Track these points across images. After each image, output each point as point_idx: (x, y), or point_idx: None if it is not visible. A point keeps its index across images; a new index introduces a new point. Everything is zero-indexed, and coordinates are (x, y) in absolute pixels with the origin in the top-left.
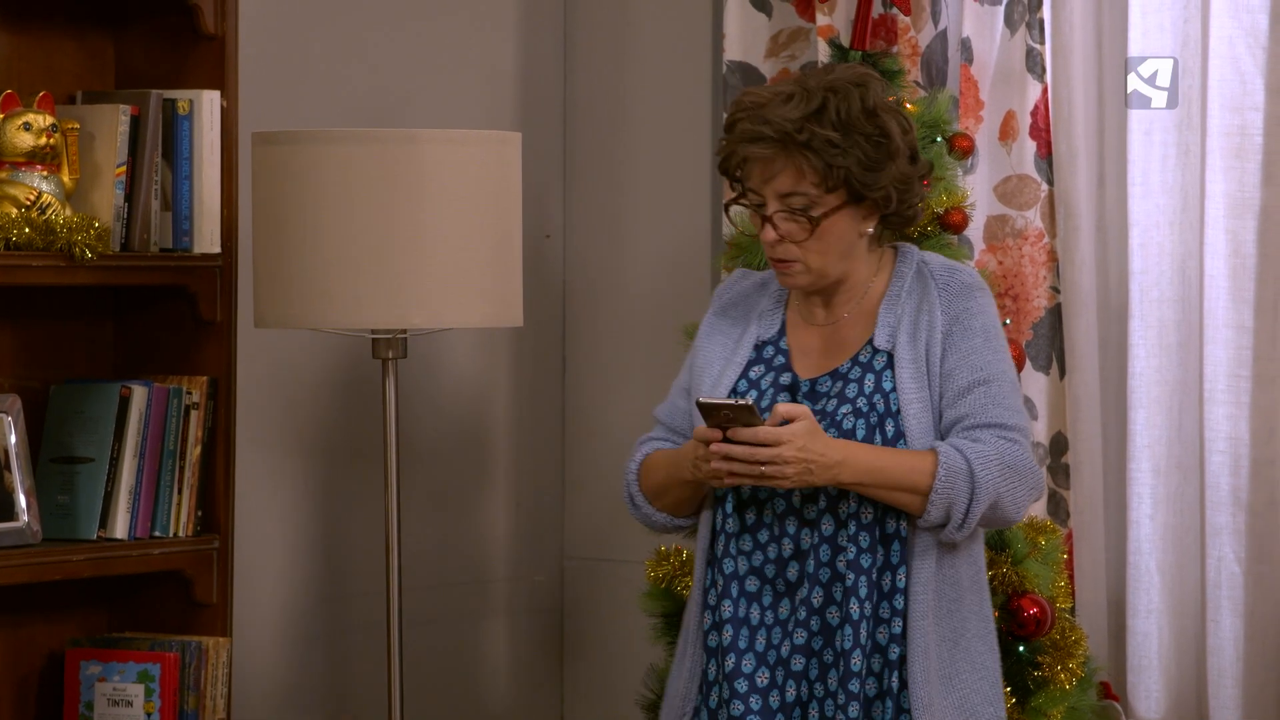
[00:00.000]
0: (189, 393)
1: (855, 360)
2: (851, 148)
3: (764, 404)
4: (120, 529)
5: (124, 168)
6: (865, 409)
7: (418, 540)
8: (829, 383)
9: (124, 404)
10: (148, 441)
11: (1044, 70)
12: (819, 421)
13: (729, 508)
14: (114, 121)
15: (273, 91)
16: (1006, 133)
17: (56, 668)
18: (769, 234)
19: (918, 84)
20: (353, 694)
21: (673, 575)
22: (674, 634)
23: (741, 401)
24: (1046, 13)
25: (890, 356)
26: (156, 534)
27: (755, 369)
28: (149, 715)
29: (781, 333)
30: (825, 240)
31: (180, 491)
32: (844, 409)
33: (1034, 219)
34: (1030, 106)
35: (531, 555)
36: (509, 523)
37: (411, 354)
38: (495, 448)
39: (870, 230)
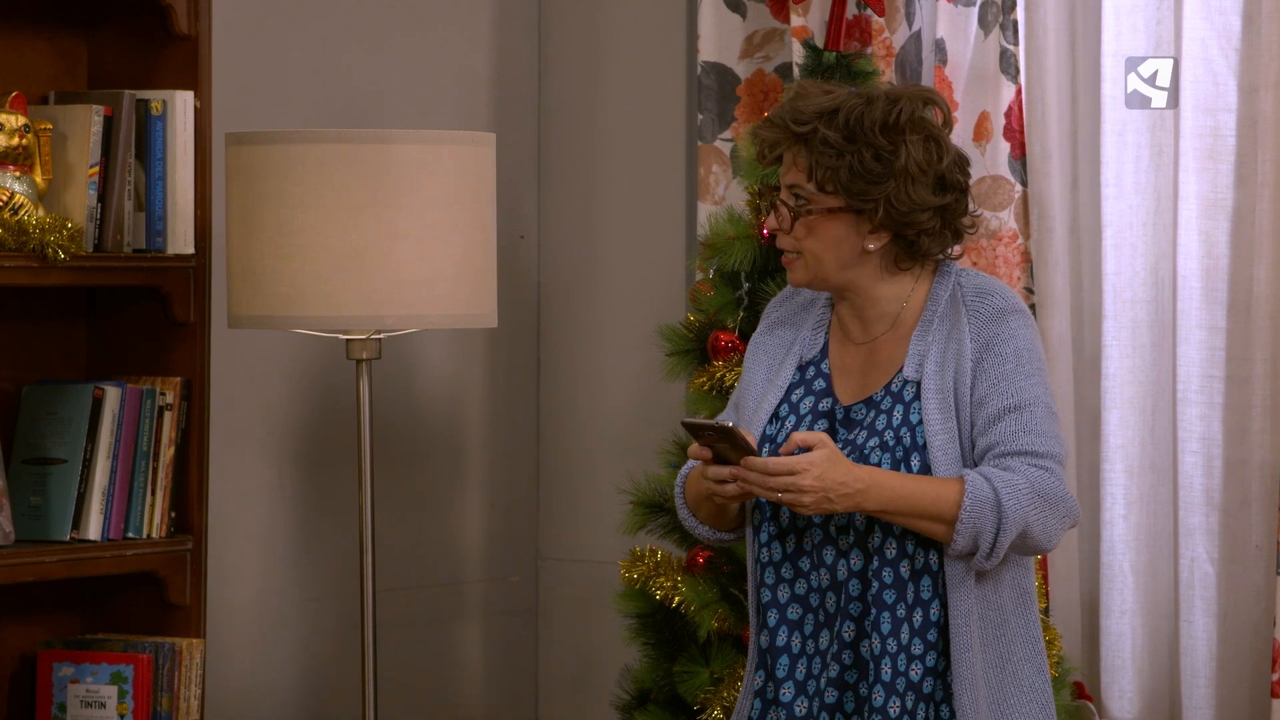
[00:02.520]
0: (162, 394)
1: (888, 389)
2: (849, 155)
3: (803, 429)
4: (93, 530)
5: (97, 168)
6: (891, 442)
7: (392, 541)
8: (864, 411)
9: (97, 405)
10: (121, 442)
11: (1018, 71)
12: (848, 453)
13: (764, 537)
14: (87, 122)
15: (246, 92)
16: (980, 134)
17: (29, 669)
18: (770, 219)
19: (891, 85)
20: (327, 695)
21: (647, 576)
22: (649, 635)
23: (722, 424)
24: (1020, 14)
25: (919, 387)
26: (129, 535)
27: (796, 392)
28: (122, 717)
29: (824, 353)
30: (819, 239)
31: (153, 493)
32: (872, 441)
33: (1008, 220)
34: (1004, 108)
35: (506, 556)
36: (483, 523)
37: (386, 355)
38: (470, 449)
39: (874, 247)
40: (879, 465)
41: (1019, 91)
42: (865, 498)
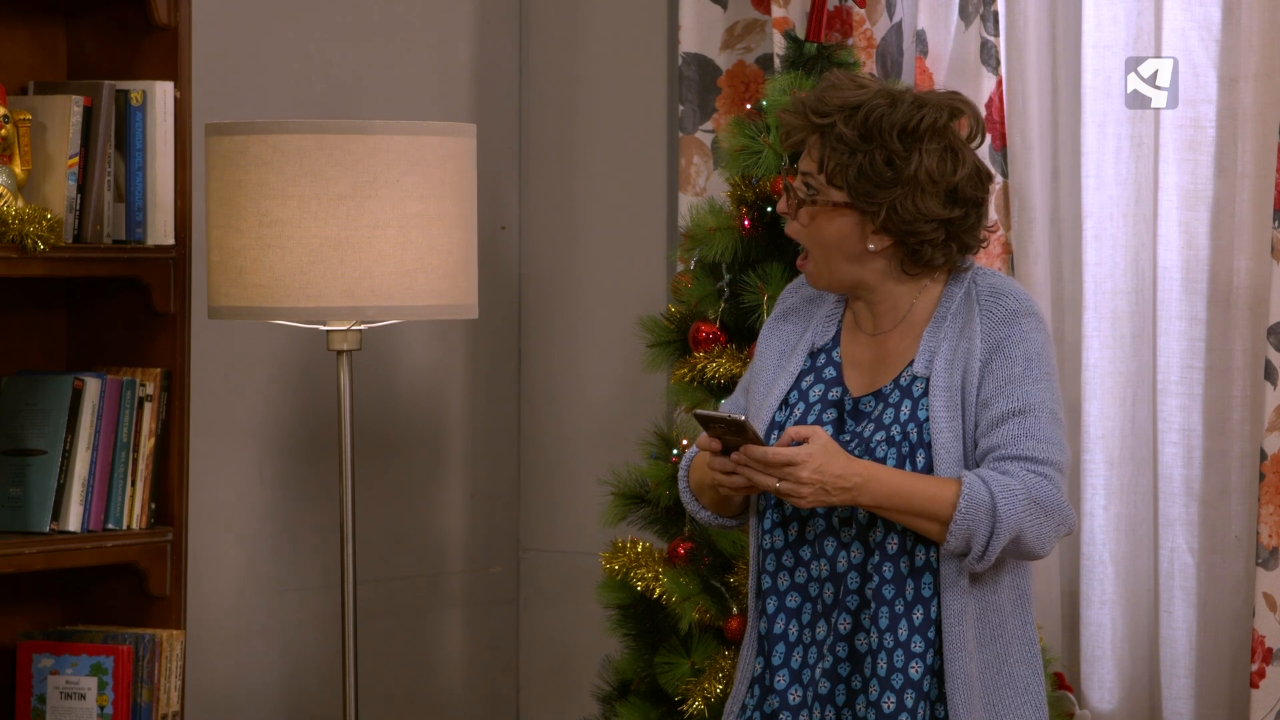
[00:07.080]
0: (142, 385)
1: (896, 383)
2: (861, 154)
3: (810, 419)
4: (73, 521)
5: (76, 159)
6: (898, 437)
7: (373, 532)
8: (872, 403)
9: (77, 396)
10: (101, 434)
11: (998, 63)
12: (854, 446)
13: (767, 524)
14: (66, 112)
15: (226, 82)
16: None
17: (8, 661)
18: (780, 203)
19: (872, 76)
20: (307, 686)
21: (629, 567)
22: (630, 626)
23: (734, 416)
24: (1001, 5)
25: (928, 383)
26: (109, 526)
27: (806, 379)
28: (102, 708)
29: (835, 341)
30: (820, 232)
31: (133, 484)
32: (879, 435)
33: (989, 212)
34: (985, 99)
35: (487, 547)
36: (464, 514)
37: (366, 346)
38: (451, 439)
39: (875, 248)
40: (884, 460)
41: (1000, 83)
42: (861, 492)
